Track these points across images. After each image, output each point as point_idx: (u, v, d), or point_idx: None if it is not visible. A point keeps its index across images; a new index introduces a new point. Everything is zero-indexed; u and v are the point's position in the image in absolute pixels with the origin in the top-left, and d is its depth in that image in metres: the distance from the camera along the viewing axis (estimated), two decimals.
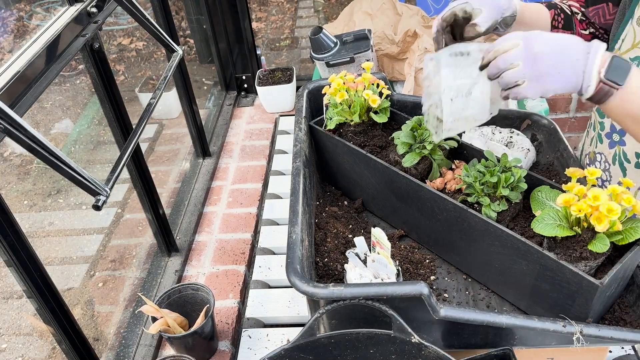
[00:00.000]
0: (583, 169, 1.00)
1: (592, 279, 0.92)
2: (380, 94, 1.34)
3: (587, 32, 1.24)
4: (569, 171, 1.02)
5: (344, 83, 1.33)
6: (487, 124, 1.48)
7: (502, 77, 0.92)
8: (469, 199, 1.11)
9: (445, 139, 1.21)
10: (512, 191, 1.09)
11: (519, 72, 0.90)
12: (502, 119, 1.43)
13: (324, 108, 1.38)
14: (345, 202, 1.43)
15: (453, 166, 1.25)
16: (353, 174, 1.36)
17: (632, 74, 0.87)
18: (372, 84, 1.33)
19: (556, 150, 1.35)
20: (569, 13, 1.23)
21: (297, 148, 1.30)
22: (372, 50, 1.85)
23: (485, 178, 1.09)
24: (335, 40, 1.86)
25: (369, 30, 1.87)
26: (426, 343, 0.89)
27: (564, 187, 0.99)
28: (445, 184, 1.20)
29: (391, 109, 1.37)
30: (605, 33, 1.23)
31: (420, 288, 0.89)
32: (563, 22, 1.22)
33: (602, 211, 0.90)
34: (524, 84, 0.90)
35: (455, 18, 1.04)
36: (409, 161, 1.20)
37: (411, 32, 1.92)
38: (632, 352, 1.12)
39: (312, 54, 1.88)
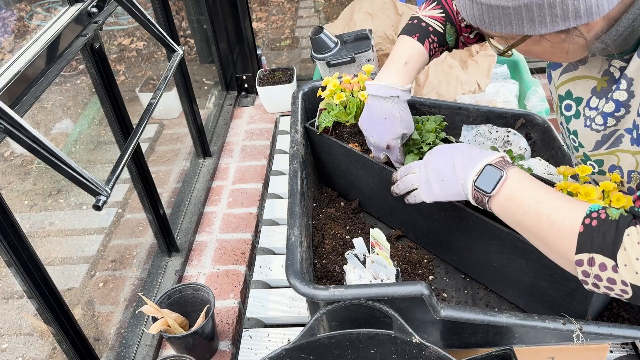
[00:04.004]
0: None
1: None
2: None
3: (472, 36, 1.20)
4: (560, 169, 1.01)
5: (340, 83, 1.33)
6: (484, 123, 1.48)
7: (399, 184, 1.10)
8: None
9: (442, 140, 1.22)
10: None
11: (414, 178, 1.05)
12: (497, 118, 1.43)
13: (318, 113, 1.39)
14: (342, 203, 1.43)
15: None
16: (349, 175, 1.36)
17: (505, 182, 0.88)
18: None
19: (551, 148, 1.35)
20: (442, 31, 1.16)
21: (294, 150, 1.30)
22: (372, 50, 1.85)
23: None
24: (336, 40, 1.86)
25: (370, 30, 1.87)
26: (427, 343, 0.89)
27: (557, 185, 0.98)
28: None
29: None
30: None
31: (421, 288, 0.89)
32: (438, 45, 1.17)
33: None
34: (418, 188, 1.04)
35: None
36: (407, 162, 1.20)
37: None
38: (633, 352, 1.12)
39: (313, 54, 1.88)
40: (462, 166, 0.94)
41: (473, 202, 0.94)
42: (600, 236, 0.75)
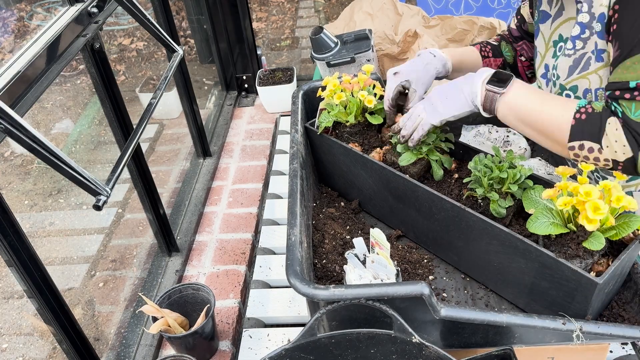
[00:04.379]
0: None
1: (591, 277, 0.92)
2: (375, 95, 1.34)
3: (524, 59, 1.36)
4: (559, 170, 1.02)
5: (340, 83, 1.33)
6: (484, 123, 1.48)
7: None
8: (477, 193, 1.11)
9: (442, 140, 1.22)
10: (517, 188, 1.09)
11: (419, 110, 1.15)
12: (497, 119, 1.42)
13: (318, 113, 1.39)
14: (342, 203, 1.43)
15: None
16: (349, 175, 1.36)
17: (513, 82, 1.03)
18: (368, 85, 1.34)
19: None
20: (496, 44, 1.36)
21: (294, 150, 1.30)
22: (372, 50, 1.85)
23: (494, 173, 1.08)
24: (336, 40, 1.86)
25: (370, 30, 1.87)
26: (427, 343, 0.89)
27: (557, 185, 0.99)
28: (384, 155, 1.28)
29: None
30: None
31: (421, 288, 0.89)
32: (491, 51, 1.36)
33: (588, 210, 0.91)
34: (423, 117, 1.14)
35: (400, 93, 1.24)
36: (405, 160, 1.20)
37: (411, 32, 1.92)
38: (633, 352, 1.12)
39: (313, 54, 1.88)
40: (467, 80, 1.07)
41: (479, 106, 1.06)
42: (589, 126, 0.94)
